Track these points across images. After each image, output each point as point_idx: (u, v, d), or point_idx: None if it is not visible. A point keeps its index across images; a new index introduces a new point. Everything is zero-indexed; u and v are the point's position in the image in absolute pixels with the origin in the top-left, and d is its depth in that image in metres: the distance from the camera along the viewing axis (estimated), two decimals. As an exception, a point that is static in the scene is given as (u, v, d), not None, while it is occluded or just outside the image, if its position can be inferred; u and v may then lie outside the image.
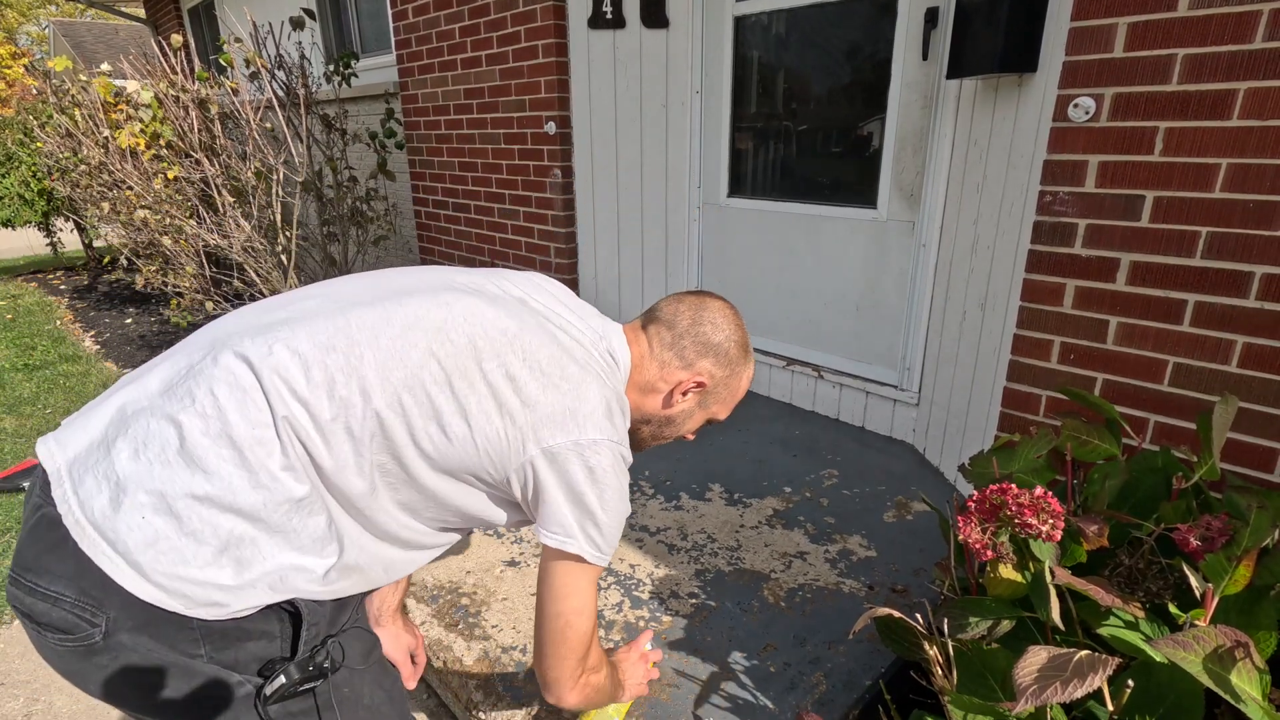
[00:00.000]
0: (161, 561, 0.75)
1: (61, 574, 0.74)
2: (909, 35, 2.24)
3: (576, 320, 1.01)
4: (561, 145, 3.00)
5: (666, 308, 1.08)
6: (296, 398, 0.81)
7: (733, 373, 1.09)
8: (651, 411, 1.07)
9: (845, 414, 2.71)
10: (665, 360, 1.05)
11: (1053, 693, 0.78)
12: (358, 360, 0.83)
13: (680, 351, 1.05)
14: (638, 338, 1.06)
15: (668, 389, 1.06)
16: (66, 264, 6.89)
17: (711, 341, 1.06)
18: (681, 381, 1.05)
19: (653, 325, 1.07)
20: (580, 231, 3.16)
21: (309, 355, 0.82)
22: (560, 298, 1.05)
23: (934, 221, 2.27)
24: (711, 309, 1.07)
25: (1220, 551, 0.96)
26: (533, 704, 1.39)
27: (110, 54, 15.85)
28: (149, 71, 3.39)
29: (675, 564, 1.83)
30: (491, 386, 0.87)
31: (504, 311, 0.93)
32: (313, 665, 0.83)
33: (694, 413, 1.11)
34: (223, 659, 0.80)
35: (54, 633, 0.76)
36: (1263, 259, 1.45)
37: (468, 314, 0.90)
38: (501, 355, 0.88)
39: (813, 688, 1.42)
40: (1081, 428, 1.34)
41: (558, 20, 2.84)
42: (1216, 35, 1.42)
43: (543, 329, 0.94)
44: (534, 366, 0.89)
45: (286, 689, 0.81)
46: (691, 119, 2.90)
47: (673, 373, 1.05)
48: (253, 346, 0.82)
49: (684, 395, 1.07)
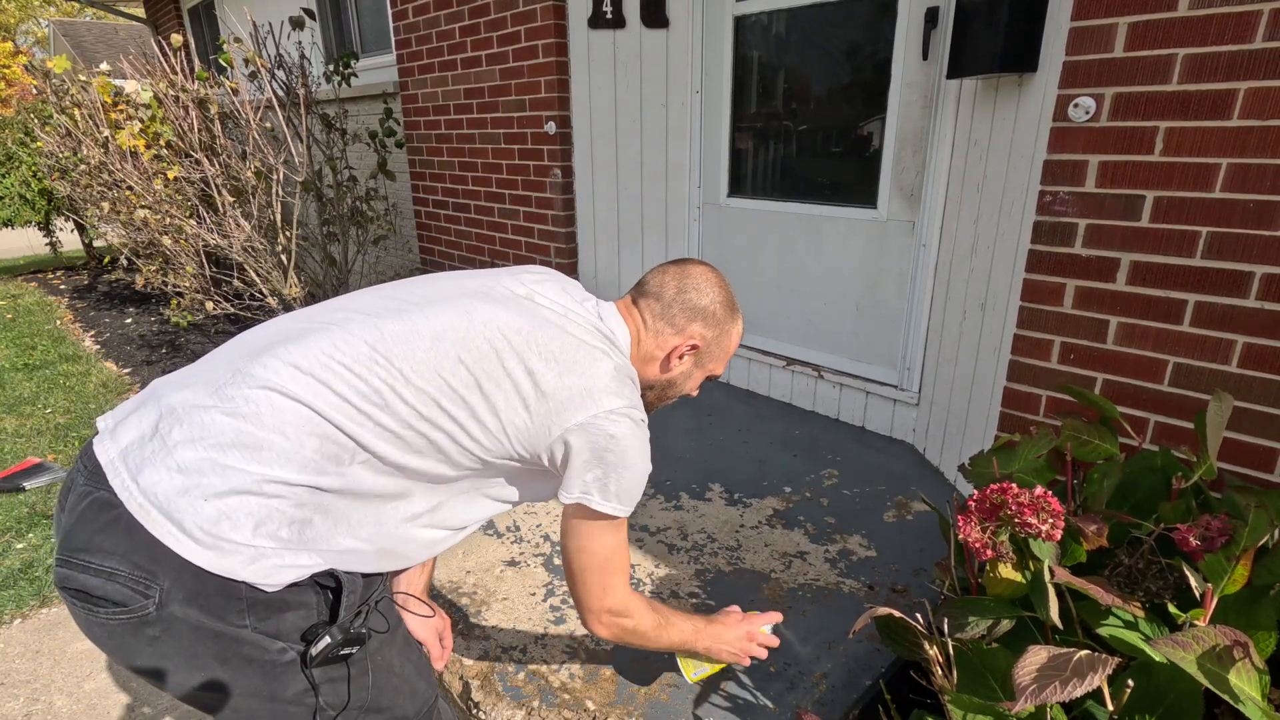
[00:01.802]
0: (222, 529, 0.81)
1: (114, 550, 0.80)
2: (909, 35, 2.24)
3: (577, 306, 1.09)
4: (561, 145, 3.00)
5: (652, 280, 1.16)
6: (340, 405, 0.88)
7: (722, 331, 1.18)
8: (653, 378, 1.17)
9: (845, 414, 2.71)
10: (659, 329, 1.13)
11: (1052, 692, 0.78)
12: (397, 370, 0.91)
13: (671, 319, 1.13)
14: (630, 313, 1.14)
15: (664, 355, 1.14)
16: (66, 264, 6.89)
17: (698, 305, 1.14)
18: (676, 346, 1.14)
19: (642, 299, 1.15)
20: (580, 231, 3.16)
21: (352, 364, 0.90)
22: (560, 285, 1.12)
23: (934, 221, 2.27)
24: (694, 275, 1.16)
25: (1219, 551, 0.96)
26: (533, 704, 1.39)
27: (110, 54, 15.84)
28: (149, 71, 3.39)
29: (675, 564, 1.83)
30: (515, 383, 0.96)
31: (516, 312, 1.01)
32: (353, 629, 0.89)
33: (692, 373, 1.20)
34: (266, 629, 0.85)
35: (108, 607, 0.80)
36: (1263, 259, 1.45)
37: (486, 320, 0.98)
38: (520, 353, 0.97)
39: (813, 688, 1.42)
40: (1081, 427, 1.34)
41: (558, 20, 2.84)
42: (1217, 35, 1.42)
43: (551, 322, 1.03)
44: (549, 358, 0.98)
45: (330, 650, 0.87)
46: (691, 119, 2.90)
47: (667, 340, 1.14)
48: (298, 353, 0.90)
49: (680, 359, 1.16)
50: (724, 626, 1.27)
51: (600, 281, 3.21)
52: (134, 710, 1.63)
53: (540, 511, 2.08)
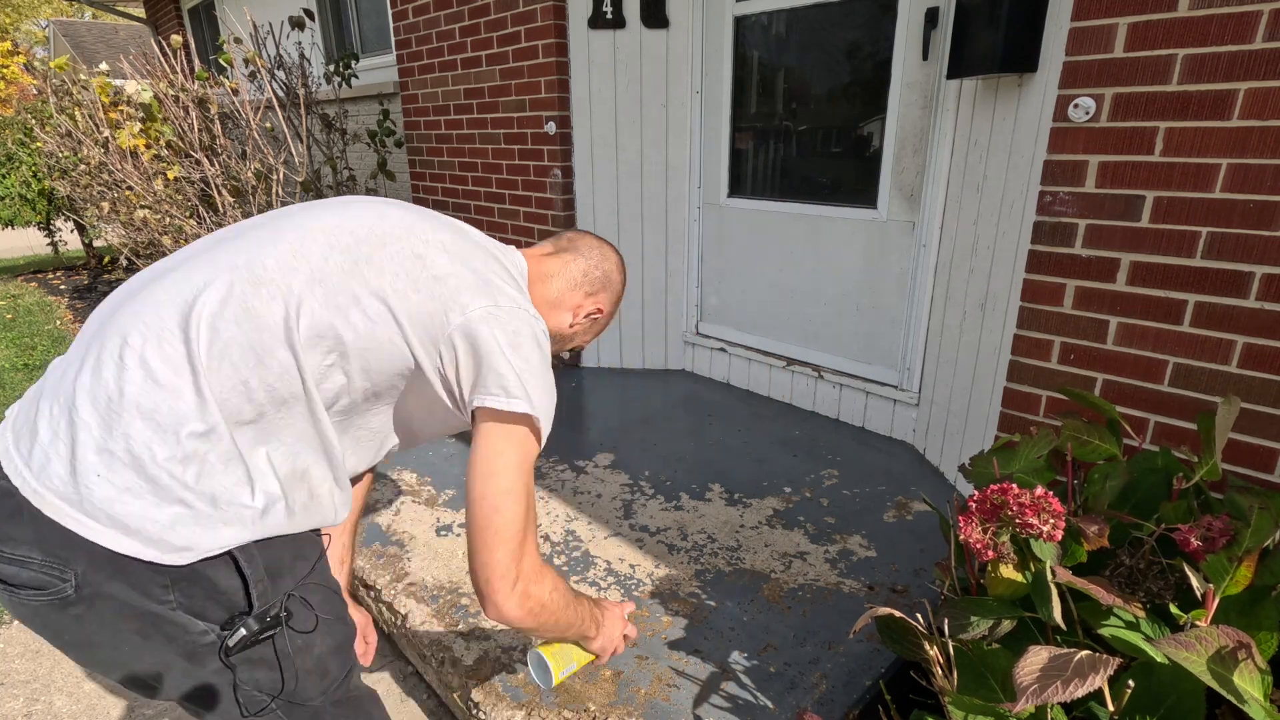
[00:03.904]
0: (128, 508, 0.79)
1: (23, 539, 0.78)
2: (909, 35, 2.24)
3: (480, 236, 1.07)
4: (561, 145, 3.00)
5: (581, 241, 1.20)
6: (213, 327, 0.82)
7: (613, 313, 1.25)
8: (555, 327, 1.16)
9: (845, 414, 2.71)
10: (577, 282, 1.15)
11: (1053, 692, 0.77)
12: (263, 270, 0.85)
13: (591, 280, 1.17)
14: (545, 260, 1.15)
15: (572, 309, 1.16)
16: (66, 264, 6.89)
17: (611, 280, 1.20)
18: (584, 306, 1.17)
19: (570, 253, 1.17)
20: (580, 231, 3.16)
21: (218, 284, 0.84)
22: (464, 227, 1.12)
23: (934, 221, 2.27)
24: (613, 256, 1.22)
25: (1221, 552, 0.96)
26: (533, 704, 1.39)
27: (110, 54, 15.84)
28: (149, 71, 3.39)
29: (675, 564, 1.83)
30: (402, 266, 0.90)
31: (416, 215, 0.98)
32: (269, 616, 0.87)
33: (577, 337, 1.23)
34: (191, 607, 0.83)
35: (27, 590, 0.80)
36: (1263, 259, 1.45)
37: (366, 215, 0.94)
38: (405, 241, 0.92)
39: (813, 688, 1.42)
40: (1082, 428, 1.33)
41: (558, 20, 2.84)
42: (1217, 35, 1.42)
43: (453, 226, 1.01)
44: (441, 248, 0.94)
45: (247, 639, 0.85)
46: (691, 119, 2.90)
47: (579, 296, 1.16)
48: (159, 294, 0.85)
49: (584, 317, 1.18)
50: (610, 613, 1.16)
51: (600, 282, 3.21)
52: (133, 710, 1.62)
53: (540, 512, 2.08)
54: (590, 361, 3.36)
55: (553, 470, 2.34)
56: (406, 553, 1.90)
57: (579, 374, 3.26)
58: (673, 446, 2.50)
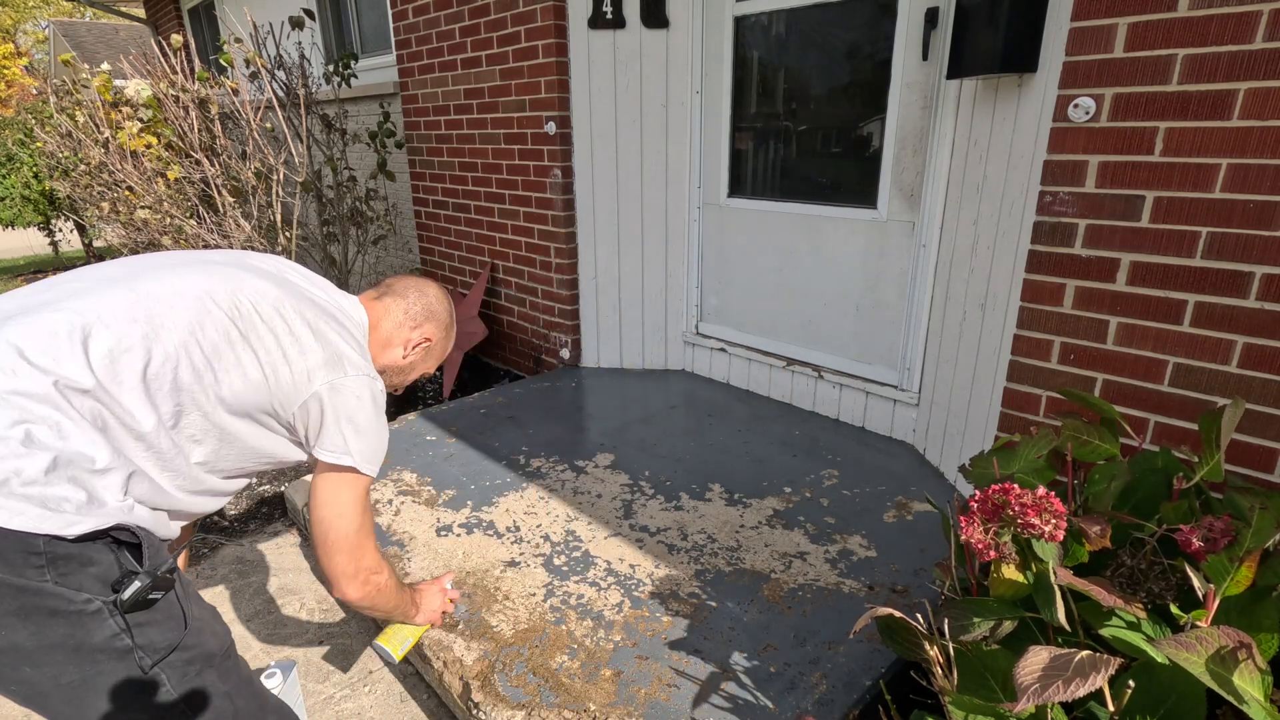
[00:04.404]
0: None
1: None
2: (909, 35, 2.24)
3: (321, 291, 1.27)
4: (561, 145, 3.00)
5: (398, 284, 1.40)
6: (88, 365, 0.94)
7: (446, 335, 1.45)
8: (391, 362, 1.37)
9: (845, 414, 2.71)
10: (400, 321, 1.36)
11: (1054, 692, 0.77)
12: (159, 327, 1.01)
13: (412, 316, 1.37)
14: (373, 306, 1.35)
15: (402, 344, 1.37)
16: (66, 263, 6.88)
17: (434, 310, 1.41)
18: (411, 339, 1.37)
19: (389, 296, 1.38)
20: (580, 232, 3.16)
21: (102, 323, 0.97)
22: (304, 275, 1.30)
23: (934, 222, 2.27)
24: (431, 289, 1.42)
25: (1222, 552, 0.96)
26: (533, 704, 1.39)
27: (110, 54, 15.84)
28: (149, 71, 3.39)
29: (675, 564, 1.83)
30: (277, 339, 1.11)
31: (271, 282, 1.17)
32: (160, 574, 0.93)
33: (418, 365, 1.43)
34: (68, 583, 0.87)
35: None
36: (1263, 259, 1.45)
37: (243, 285, 1.13)
38: (280, 314, 1.13)
39: (813, 688, 1.42)
40: (1082, 428, 1.33)
41: (558, 20, 2.84)
42: (1217, 35, 1.42)
43: (300, 294, 1.20)
44: (304, 321, 1.15)
45: (140, 594, 0.90)
46: (691, 119, 2.90)
47: (405, 332, 1.37)
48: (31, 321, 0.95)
49: (414, 349, 1.39)
50: (427, 592, 1.54)
51: (600, 282, 3.21)
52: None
53: (540, 512, 2.08)
54: (590, 362, 3.36)
55: (553, 470, 2.34)
56: (406, 553, 1.90)
57: (579, 374, 3.26)
58: (673, 446, 2.50)
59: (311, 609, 1.95)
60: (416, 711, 1.61)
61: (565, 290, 3.22)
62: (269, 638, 1.85)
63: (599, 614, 1.64)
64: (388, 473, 2.32)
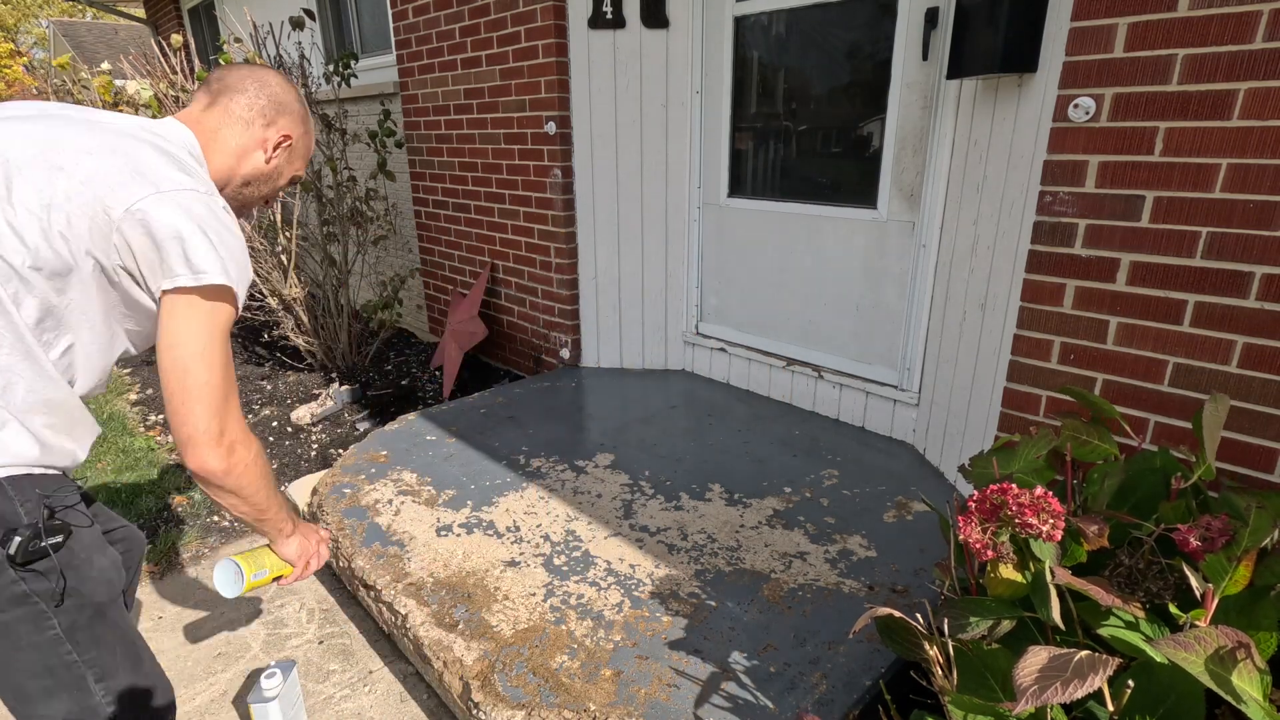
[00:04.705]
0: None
1: None
2: (909, 35, 2.24)
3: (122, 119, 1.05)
4: (561, 145, 3.00)
5: (229, 77, 1.15)
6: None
7: (306, 130, 1.23)
8: (254, 171, 1.17)
9: (845, 414, 2.71)
10: (249, 119, 1.14)
11: (1053, 693, 0.77)
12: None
13: (261, 112, 1.15)
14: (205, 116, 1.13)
15: (259, 145, 1.16)
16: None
17: (282, 101, 1.17)
18: (268, 138, 1.16)
19: (224, 95, 1.13)
20: (580, 232, 3.16)
21: None
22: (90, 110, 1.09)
23: (934, 222, 2.28)
24: (271, 76, 1.18)
25: (1220, 552, 0.96)
26: (533, 704, 1.39)
27: (110, 54, 15.85)
28: (149, 71, 3.39)
29: (675, 564, 1.83)
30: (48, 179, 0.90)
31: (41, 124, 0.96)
32: (47, 527, 0.92)
33: (285, 167, 1.23)
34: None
35: None
36: (1263, 259, 1.45)
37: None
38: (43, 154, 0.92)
39: (813, 688, 1.42)
40: (1081, 428, 1.33)
41: (558, 20, 2.84)
42: (1217, 35, 1.42)
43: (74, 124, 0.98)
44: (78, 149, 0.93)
45: (29, 548, 0.90)
46: (691, 119, 2.90)
47: (258, 130, 1.15)
48: None
49: (276, 149, 1.18)
50: (304, 528, 1.29)
51: (600, 282, 3.21)
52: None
53: (540, 512, 2.08)
54: (590, 362, 3.36)
55: (553, 470, 2.34)
56: (406, 553, 1.90)
57: (579, 374, 3.27)
58: (673, 446, 2.50)
59: (312, 609, 1.95)
60: (416, 711, 1.61)
61: (565, 290, 3.22)
62: (269, 638, 1.85)
63: (599, 614, 1.64)
64: (388, 472, 2.33)
